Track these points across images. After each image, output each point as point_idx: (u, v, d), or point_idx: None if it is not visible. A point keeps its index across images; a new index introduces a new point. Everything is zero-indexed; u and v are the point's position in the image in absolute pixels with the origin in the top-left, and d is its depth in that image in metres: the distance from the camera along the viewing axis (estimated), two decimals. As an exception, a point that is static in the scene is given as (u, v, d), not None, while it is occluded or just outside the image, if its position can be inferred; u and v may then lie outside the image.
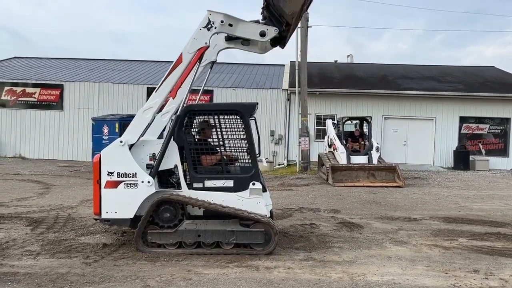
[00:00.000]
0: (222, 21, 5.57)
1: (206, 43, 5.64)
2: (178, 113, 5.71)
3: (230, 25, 5.62)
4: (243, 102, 6.21)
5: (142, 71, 22.86)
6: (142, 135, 5.76)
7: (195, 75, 5.81)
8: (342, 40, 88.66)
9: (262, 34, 5.62)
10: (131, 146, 5.68)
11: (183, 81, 5.74)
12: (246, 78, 21.69)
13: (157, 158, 5.65)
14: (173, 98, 5.76)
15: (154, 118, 5.84)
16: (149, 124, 5.80)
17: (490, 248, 6.20)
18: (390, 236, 6.81)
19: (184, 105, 5.79)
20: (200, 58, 5.71)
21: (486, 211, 9.21)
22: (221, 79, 21.15)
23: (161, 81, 5.73)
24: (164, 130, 6.04)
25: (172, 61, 5.74)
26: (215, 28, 5.60)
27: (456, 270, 5.19)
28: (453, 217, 8.43)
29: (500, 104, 19.24)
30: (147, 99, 19.32)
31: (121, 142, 5.60)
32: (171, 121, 5.86)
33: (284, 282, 4.69)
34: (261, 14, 5.88)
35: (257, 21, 5.78)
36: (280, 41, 5.92)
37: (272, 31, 5.62)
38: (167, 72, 5.70)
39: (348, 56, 27.96)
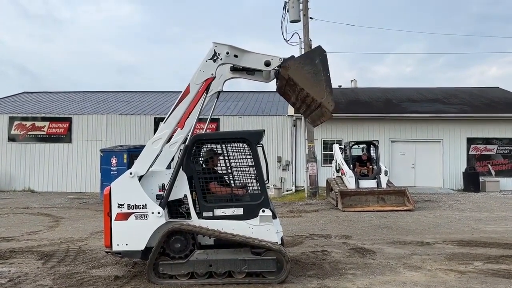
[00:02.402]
0: (227, 53, 5.71)
1: (212, 74, 5.77)
2: (186, 143, 5.77)
3: (236, 56, 5.76)
4: (250, 130, 6.26)
5: (149, 102, 23.17)
6: (151, 166, 5.80)
7: (202, 105, 5.91)
8: (346, 65, 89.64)
9: (267, 64, 5.75)
10: (140, 177, 5.72)
11: (191, 112, 5.84)
12: (252, 106, 21.90)
13: (166, 188, 5.68)
14: (181, 129, 5.84)
15: (162, 149, 5.89)
16: (158, 155, 5.86)
17: (506, 271, 6.08)
18: (404, 261, 6.71)
19: (192, 134, 5.86)
20: (207, 89, 5.83)
21: (500, 233, 9.07)
22: (227, 107, 21.36)
23: (169, 113, 5.83)
24: (172, 160, 6.09)
25: (179, 91, 5.85)
26: (221, 59, 5.74)
27: (473, 295, 5.08)
28: (466, 240, 8.30)
29: (507, 125, 19.20)
30: (154, 129, 19.54)
31: (130, 173, 5.65)
32: (180, 151, 5.92)
33: (298, 312, 4.61)
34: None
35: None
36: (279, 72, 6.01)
37: (276, 60, 5.74)
38: (175, 104, 5.80)
39: (352, 81, 28.22)
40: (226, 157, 6.30)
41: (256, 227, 5.61)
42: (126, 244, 5.55)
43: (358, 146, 16.17)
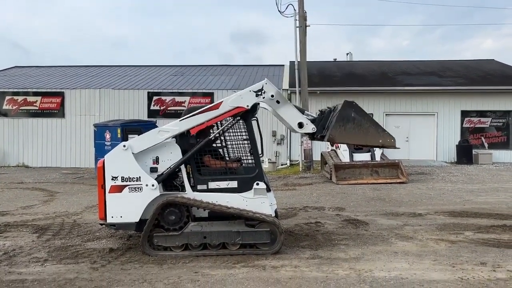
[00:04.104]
0: (272, 96, 5.69)
1: (247, 106, 5.69)
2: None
3: (278, 102, 5.75)
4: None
5: (142, 76, 22.89)
6: (145, 150, 5.72)
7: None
8: (342, 37, 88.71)
9: (300, 125, 5.78)
10: None
11: (209, 125, 5.77)
12: (246, 79, 21.71)
13: (171, 167, 5.64)
14: (191, 135, 5.75)
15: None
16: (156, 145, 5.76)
17: (496, 240, 6.19)
18: (396, 232, 6.81)
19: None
20: (235, 115, 5.75)
21: (491, 204, 9.20)
22: (221, 81, 21.17)
23: (190, 114, 5.69)
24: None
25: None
26: (263, 98, 5.70)
27: (463, 263, 5.18)
28: (458, 211, 8.42)
29: (501, 97, 19.21)
30: (148, 104, 19.32)
31: (124, 146, 5.62)
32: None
33: (292, 281, 4.70)
34: (320, 110, 6.17)
35: (303, 111, 5.95)
36: (313, 136, 6.03)
37: (309, 128, 5.79)
38: (199, 110, 5.69)
39: (347, 54, 27.94)
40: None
41: (250, 199, 5.65)
42: (121, 217, 5.58)
43: (353, 120, 16.13)
